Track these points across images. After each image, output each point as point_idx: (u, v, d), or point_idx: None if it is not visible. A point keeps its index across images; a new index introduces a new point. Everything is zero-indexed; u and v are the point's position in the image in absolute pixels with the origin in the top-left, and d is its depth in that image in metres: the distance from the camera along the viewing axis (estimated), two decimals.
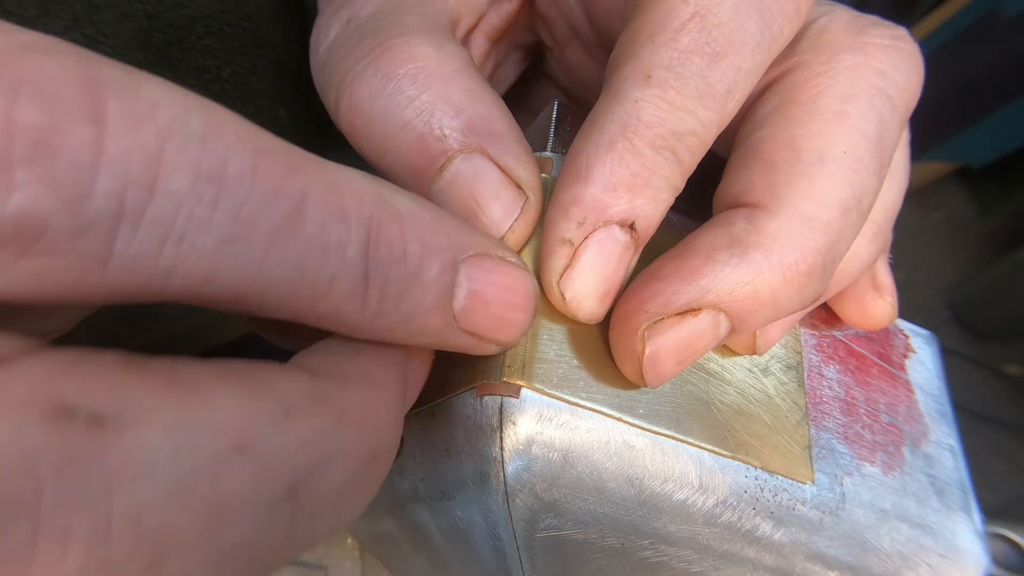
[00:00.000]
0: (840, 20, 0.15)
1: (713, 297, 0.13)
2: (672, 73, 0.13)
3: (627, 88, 0.13)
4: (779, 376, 0.16)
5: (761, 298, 0.13)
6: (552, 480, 0.13)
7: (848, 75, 0.14)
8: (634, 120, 0.13)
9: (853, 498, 0.15)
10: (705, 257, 0.13)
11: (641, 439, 0.13)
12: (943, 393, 0.19)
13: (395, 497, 0.17)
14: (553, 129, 0.16)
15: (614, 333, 0.14)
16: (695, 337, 0.13)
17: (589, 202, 0.13)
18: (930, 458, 0.17)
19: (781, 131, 0.14)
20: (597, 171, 0.13)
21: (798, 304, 0.14)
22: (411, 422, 0.16)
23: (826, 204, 0.13)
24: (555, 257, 0.13)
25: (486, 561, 0.16)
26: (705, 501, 0.14)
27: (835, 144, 0.13)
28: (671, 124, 0.13)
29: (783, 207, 0.13)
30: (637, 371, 0.13)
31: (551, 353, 0.13)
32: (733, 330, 0.14)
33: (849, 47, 0.14)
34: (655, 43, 0.13)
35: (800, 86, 0.14)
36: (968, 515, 0.17)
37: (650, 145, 0.13)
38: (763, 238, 0.13)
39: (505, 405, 0.13)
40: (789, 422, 0.15)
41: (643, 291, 0.13)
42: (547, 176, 0.16)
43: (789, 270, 0.13)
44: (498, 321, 0.12)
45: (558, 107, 0.17)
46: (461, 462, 0.14)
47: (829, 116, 0.14)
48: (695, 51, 0.13)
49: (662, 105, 0.13)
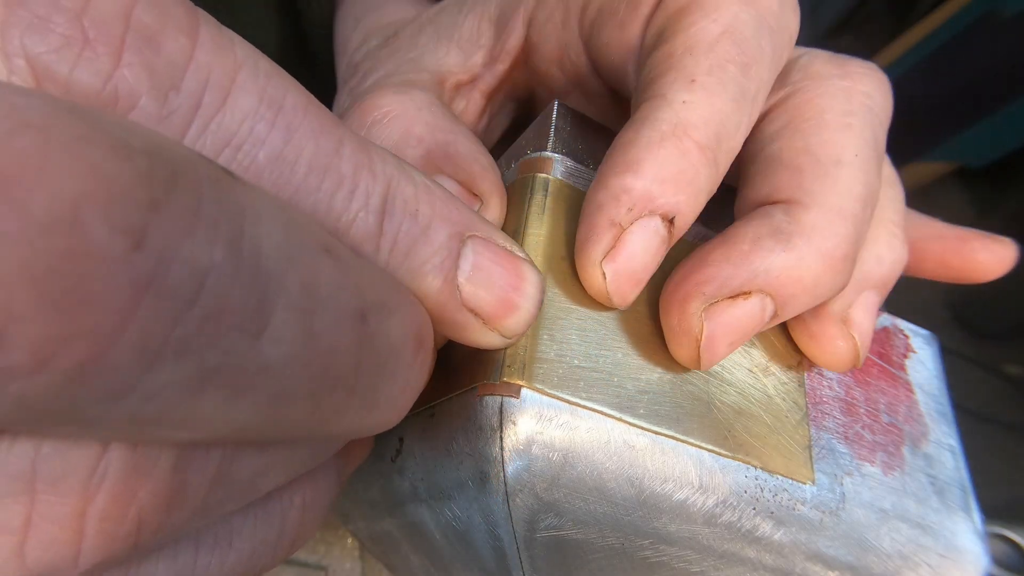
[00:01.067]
0: (822, 57, 0.17)
1: (762, 281, 0.14)
2: (714, 78, 0.14)
3: (674, 91, 0.14)
4: (779, 376, 0.16)
5: (804, 283, 0.14)
6: (552, 480, 0.13)
7: (843, 95, 0.16)
8: (683, 120, 0.14)
9: (853, 498, 0.15)
10: (752, 244, 0.14)
11: (641, 439, 0.13)
12: (943, 393, 0.19)
13: (395, 497, 0.17)
14: (553, 129, 0.16)
15: (670, 316, 0.14)
16: (746, 319, 0.14)
17: (640, 192, 0.13)
18: (930, 458, 0.17)
19: (796, 142, 0.16)
20: (648, 164, 0.13)
21: (830, 290, 0.15)
22: (411, 422, 0.16)
23: (850, 197, 0.15)
24: (602, 238, 0.14)
25: (486, 561, 0.16)
26: (705, 501, 0.14)
27: (848, 149, 0.15)
28: (715, 126, 0.14)
29: (815, 201, 0.15)
30: (694, 353, 0.14)
31: (551, 353, 0.13)
32: (776, 315, 0.15)
33: (838, 75, 0.16)
34: (695, 54, 0.14)
35: (804, 105, 0.16)
36: (968, 515, 0.17)
37: (697, 145, 0.14)
38: (803, 227, 0.14)
39: (505, 405, 0.13)
40: (789, 422, 0.15)
41: (697, 275, 0.14)
42: (546, 176, 0.16)
43: (827, 255, 0.14)
44: (501, 302, 0.12)
45: (558, 107, 0.17)
46: (461, 462, 0.14)
47: (837, 127, 0.15)
48: (730, 60, 0.14)
49: (707, 107, 0.14)
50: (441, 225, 0.11)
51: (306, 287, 0.08)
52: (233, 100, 0.09)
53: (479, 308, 0.12)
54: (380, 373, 0.10)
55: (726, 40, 0.14)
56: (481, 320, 0.12)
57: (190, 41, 0.09)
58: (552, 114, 0.17)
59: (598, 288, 0.14)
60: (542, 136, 0.17)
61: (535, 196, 0.15)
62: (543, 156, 0.16)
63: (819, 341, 0.16)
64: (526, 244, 0.15)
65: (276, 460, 0.10)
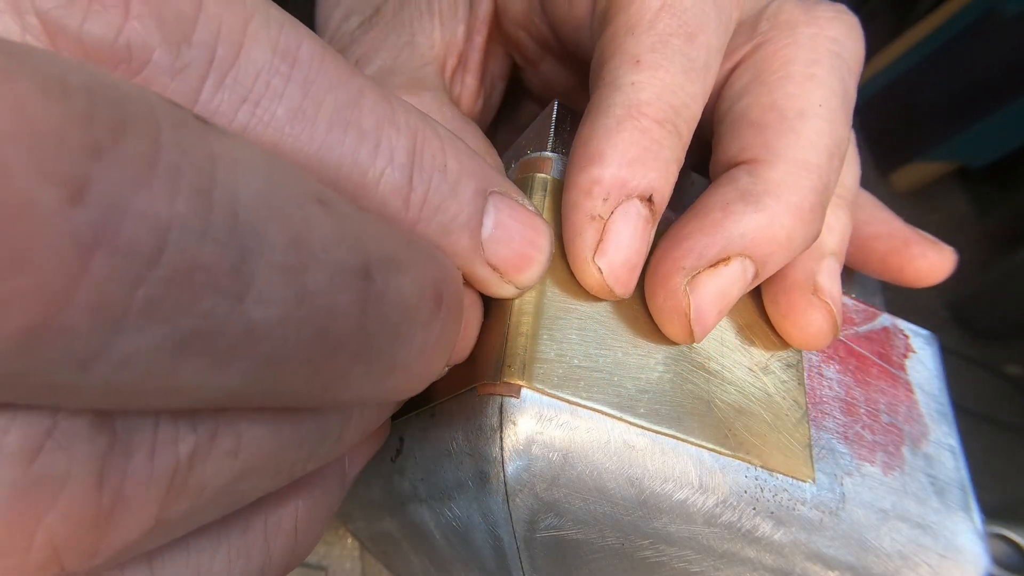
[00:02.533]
0: (790, 2, 0.17)
1: (739, 245, 0.14)
2: (658, 54, 0.14)
3: (621, 75, 0.14)
4: (779, 375, 0.16)
5: (779, 239, 0.14)
6: (552, 480, 0.13)
7: (809, 44, 0.16)
8: (635, 100, 0.14)
9: (853, 498, 0.15)
10: (722, 211, 0.14)
11: (641, 439, 0.13)
12: (943, 393, 0.19)
13: (395, 497, 0.17)
14: (553, 129, 0.16)
15: (656, 297, 0.14)
16: (730, 285, 0.14)
17: (610, 180, 0.13)
18: (930, 458, 0.17)
19: (761, 97, 0.16)
20: (611, 151, 0.14)
21: (804, 242, 0.15)
22: (411, 422, 0.16)
23: (814, 150, 0.15)
24: (586, 234, 0.14)
25: (486, 561, 0.16)
26: (705, 501, 0.14)
27: (811, 101, 0.15)
28: (668, 99, 0.14)
29: (779, 157, 0.15)
30: (685, 329, 0.14)
31: (551, 353, 0.13)
32: (756, 275, 0.15)
33: (804, 22, 0.16)
34: (636, 33, 0.14)
35: (770, 58, 0.16)
36: (968, 515, 0.17)
37: (654, 120, 0.14)
38: (769, 186, 0.14)
39: (505, 405, 0.13)
40: (789, 420, 0.15)
41: (674, 251, 0.14)
42: (546, 176, 0.16)
43: (796, 208, 0.14)
44: (519, 258, 0.12)
45: (558, 107, 0.17)
46: (461, 462, 0.14)
47: (801, 79, 0.15)
48: (672, 33, 0.14)
49: (656, 83, 0.14)
50: (468, 181, 0.11)
51: (295, 242, 0.08)
52: (246, 53, 0.09)
53: (499, 263, 0.12)
54: (392, 335, 0.09)
55: (666, 14, 0.14)
56: (499, 274, 0.12)
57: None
58: (552, 114, 0.17)
59: (597, 283, 0.14)
60: (542, 136, 0.17)
61: (534, 196, 0.15)
62: (543, 156, 0.16)
63: (793, 316, 0.16)
64: None
65: (262, 448, 0.09)
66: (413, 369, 0.10)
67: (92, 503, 0.07)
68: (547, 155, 0.16)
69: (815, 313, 0.16)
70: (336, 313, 0.08)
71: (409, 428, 0.16)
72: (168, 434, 0.08)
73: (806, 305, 0.16)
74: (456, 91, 0.22)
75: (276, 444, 0.09)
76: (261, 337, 0.07)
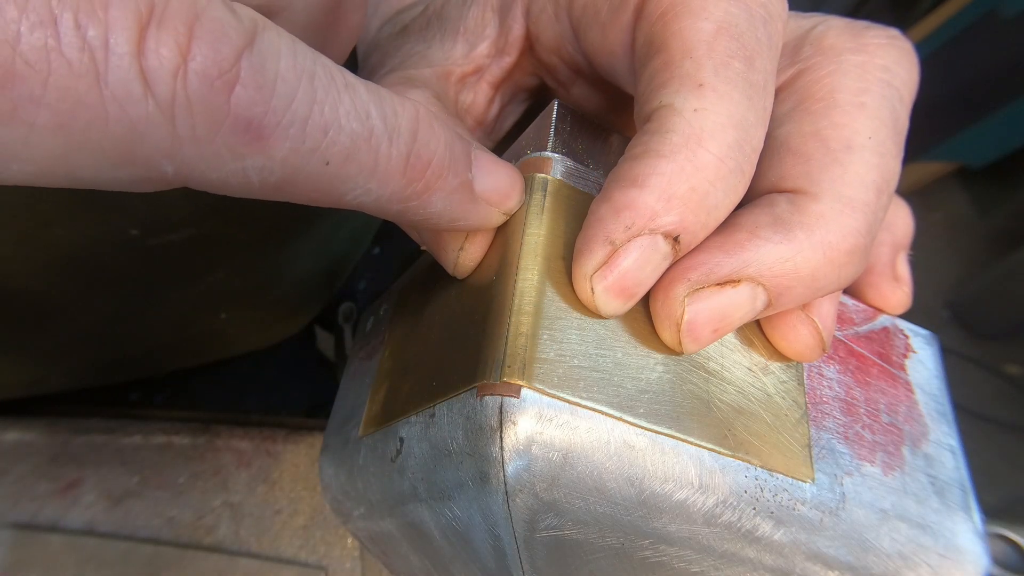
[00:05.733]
0: (836, 27, 0.16)
1: (753, 271, 0.14)
2: (721, 78, 0.13)
3: (682, 99, 0.13)
4: (778, 375, 0.16)
5: (800, 275, 0.14)
6: (552, 480, 0.13)
7: (857, 72, 0.15)
8: (697, 130, 0.13)
9: (853, 498, 0.15)
10: (749, 233, 0.14)
11: (641, 439, 0.13)
12: (943, 393, 0.19)
13: (395, 497, 0.17)
14: (553, 129, 0.16)
15: (655, 299, 0.14)
16: (732, 307, 0.14)
17: (641, 208, 0.13)
18: (930, 458, 0.17)
19: (805, 125, 0.15)
20: (655, 180, 0.13)
21: (835, 284, 0.14)
22: (411, 422, 0.16)
23: (862, 187, 0.14)
24: (595, 253, 0.14)
25: (486, 561, 0.16)
26: (705, 501, 0.14)
27: (860, 132, 0.14)
28: (733, 132, 0.13)
29: (823, 191, 0.14)
30: (675, 337, 0.14)
31: (551, 353, 0.13)
32: (770, 304, 0.14)
33: (852, 48, 0.15)
34: (695, 57, 0.13)
35: (814, 85, 0.15)
36: (968, 515, 0.17)
37: (715, 157, 0.13)
38: (807, 219, 0.14)
39: (505, 405, 0.13)
40: (789, 420, 0.15)
41: (687, 261, 0.14)
42: (546, 176, 0.16)
43: (831, 249, 0.14)
44: (504, 187, 0.15)
45: (558, 107, 0.17)
46: (461, 462, 0.14)
47: (849, 108, 0.15)
48: (733, 56, 0.13)
49: (721, 111, 0.13)
50: (461, 145, 0.14)
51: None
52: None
53: (485, 194, 0.14)
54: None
55: (724, 36, 0.14)
56: (487, 203, 0.14)
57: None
58: (552, 114, 0.17)
59: (586, 299, 0.14)
60: (542, 136, 0.17)
61: (534, 196, 0.15)
62: (543, 156, 0.16)
63: (780, 329, 0.16)
64: (525, 244, 0.15)
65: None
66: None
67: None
68: (547, 155, 0.16)
69: (802, 329, 0.16)
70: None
71: (409, 428, 0.16)
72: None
73: (795, 321, 0.16)
74: (467, 98, 0.21)
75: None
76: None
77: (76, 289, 0.28)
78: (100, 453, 0.33)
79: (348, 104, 0.11)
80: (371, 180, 0.12)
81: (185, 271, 0.31)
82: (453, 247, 0.16)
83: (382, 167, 0.12)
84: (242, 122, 0.10)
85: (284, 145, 0.11)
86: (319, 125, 0.11)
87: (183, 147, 0.10)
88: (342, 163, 0.11)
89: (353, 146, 0.11)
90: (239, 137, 0.10)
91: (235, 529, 0.31)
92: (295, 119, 0.10)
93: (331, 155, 0.11)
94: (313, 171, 0.11)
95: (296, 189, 0.11)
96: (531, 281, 0.14)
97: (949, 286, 1.25)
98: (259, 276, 0.36)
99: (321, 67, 0.11)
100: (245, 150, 0.10)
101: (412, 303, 0.20)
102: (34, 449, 0.33)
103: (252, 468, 0.33)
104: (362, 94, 0.12)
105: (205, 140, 0.10)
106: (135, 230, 0.26)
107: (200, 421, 0.35)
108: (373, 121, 0.12)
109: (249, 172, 0.11)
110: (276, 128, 0.10)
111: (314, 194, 0.12)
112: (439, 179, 0.13)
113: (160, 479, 0.33)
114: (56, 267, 0.25)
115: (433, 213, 0.14)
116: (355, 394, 0.22)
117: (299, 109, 0.10)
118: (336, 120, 0.11)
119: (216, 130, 0.10)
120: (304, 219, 0.35)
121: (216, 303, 0.36)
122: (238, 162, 0.10)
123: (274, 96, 0.10)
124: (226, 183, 0.11)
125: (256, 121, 0.10)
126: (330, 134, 0.11)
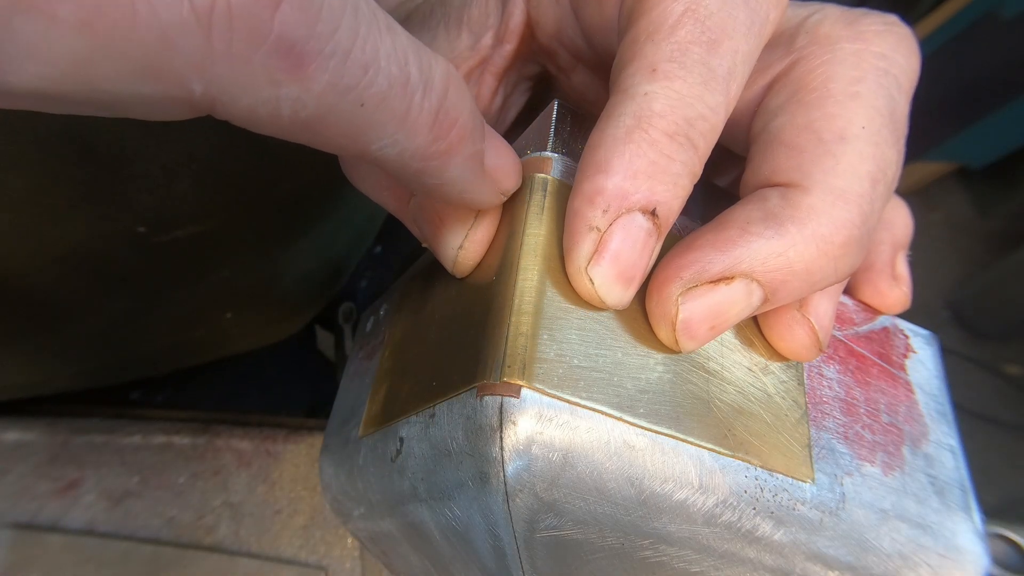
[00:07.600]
0: (833, 15, 0.16)
1: (746, 267, 0.14)
2: (676, 64, 0.14)
3: (636, 84, 0.14)
4: (778, 375, 0.16)
5: (794, 269, 0.14)
6: (552, 480, 0.13)
7: (852, 60, 0.15)
8: (647, 111, 0.13)
9: (853, 498, 0.15)
10: (740, 229, 0.14)
11: (641, 439, 0.13)
12: (943, 393, 0.19)
13: (395, 497, 0.17)
14: (553, 129, 0.16)
15: (650, 299, 0.14)
16: (727, 304, 0.14)
17: (611, 191, 0.13)
18: (930, 458, 0.17)
19: (798, 117, 0.15)
20: (616, 161, 0.13)
21: (833, 277, 0.14)
22: (411, 422, 0.16)
23: (855, 177, 0.14)
24: (582, 244, 0.14)
25: (486, 561, 0.16)
26: (705, 501, 0.14)
27: (853, 122, 0.14)
28: (682, 111, 0.13)
29: (815, 184, 0.14)
30: (672, 336, 0.14)
31: (551, 353, 0.13)
32: (766, 300, 0.14)
33: (847, 36, 0.15)
34: (655, 40, 0.14)
35: (808, 75, 0.15)
36: (968, 515, 0.17)
37: (665, 133, 0.13)
38: (798, 212, 0.14)
39: (505, 405, 0.13)
40: (789, 420, 0.15)
41: (679, 259, 0.14)
42: (546, 176, 0.16)
43: (824, 242, 0.14)
44: (507, 167, 0.15)
45: (558, 107, 0.17)
46: (461, 462, 0.14)
47: (842, 98, 0.15)
48: (693, 41, 0.14)
49: (671, 94, 0.13)
50: (476, 117, 0.13)
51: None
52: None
53: (492, 171, 0.14)
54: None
55: (688, 20, 0.14)
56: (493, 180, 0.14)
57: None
58: (552, 114, 0.17)
59: (588, 293, 0.14)
60: (542, 136, 0.17)
61: (534, 196, 0.15)
62: (543, 156, 0.16)
63: (776, 329, 0.16)
64: (525, 244, 0.15)
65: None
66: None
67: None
68: (547, 155, 0.16)
69: (798, 329, 0.16)
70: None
71: (409, 428, 0.16)
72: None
73: (790, 321, 0.16)
74: (472, 91, 0.21)
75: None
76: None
77: (85, 287, 0.28)
78: (100, 453, 0.33)
79: (389, 46, 0.11)
80: (400, 130, 0.12)
81: (191, 269, 0.31)
82: (453, 245, 0.16)
83: (413, 118, 0.12)
84: (285, 43, 0.09)
85: (323, 77, 0.10)
86: (360, 61, 0.10)
87: (216, 64, 0.09)
88: (376, 107, 0.11)
89: (390, 90, 0.11)
90: (279, 61, 0.09)
91: (235, 529, 0.31)
92: (337, 50, 0.10)
93: (367, 96, 0.11)
94: (346, 111, 0.11)
95: (325, 130, 0.11)
96: (531, 281, 0.14)
97: (949, 286, 1.25)
98: (264, 274, 0.36)
99: (365, 2, 0.11)
100: (283, 76, 0.10)
101: (412, 303, 0.20)
102: (34, 449, 0.33)
103: (252, 468, 0.33)
104: (402, 39, 0.11)
105: (242, 58, 0.09)
106: (142, 227, 0.25)
107: (200, 421, 0.35)
108: (411, 68, 0.11)
109: (281, 103, 0.10)
110: (318, 56, 0.10)
111: (342, 139, 0.11)
112: (461, 142, 0.13)
113: (160, 479, 0.33)
114: (64, 263, 0.25)
115: (447, 180, 0.13)
116: (355, 394, 0.22)
117: (342, 41, 0.10)
118: (376, 60, 0.11)
119: (256, 48, 0.09)
120: (309, 216, 0.35)
121: (222, 302, 0.36)
122: (273, 89, 0.10)
123: (319, 21, 0.10)
124: (254, 113, 0.10)
125: (299, 46, 0.09)
126: (369, 73, 0.10)
